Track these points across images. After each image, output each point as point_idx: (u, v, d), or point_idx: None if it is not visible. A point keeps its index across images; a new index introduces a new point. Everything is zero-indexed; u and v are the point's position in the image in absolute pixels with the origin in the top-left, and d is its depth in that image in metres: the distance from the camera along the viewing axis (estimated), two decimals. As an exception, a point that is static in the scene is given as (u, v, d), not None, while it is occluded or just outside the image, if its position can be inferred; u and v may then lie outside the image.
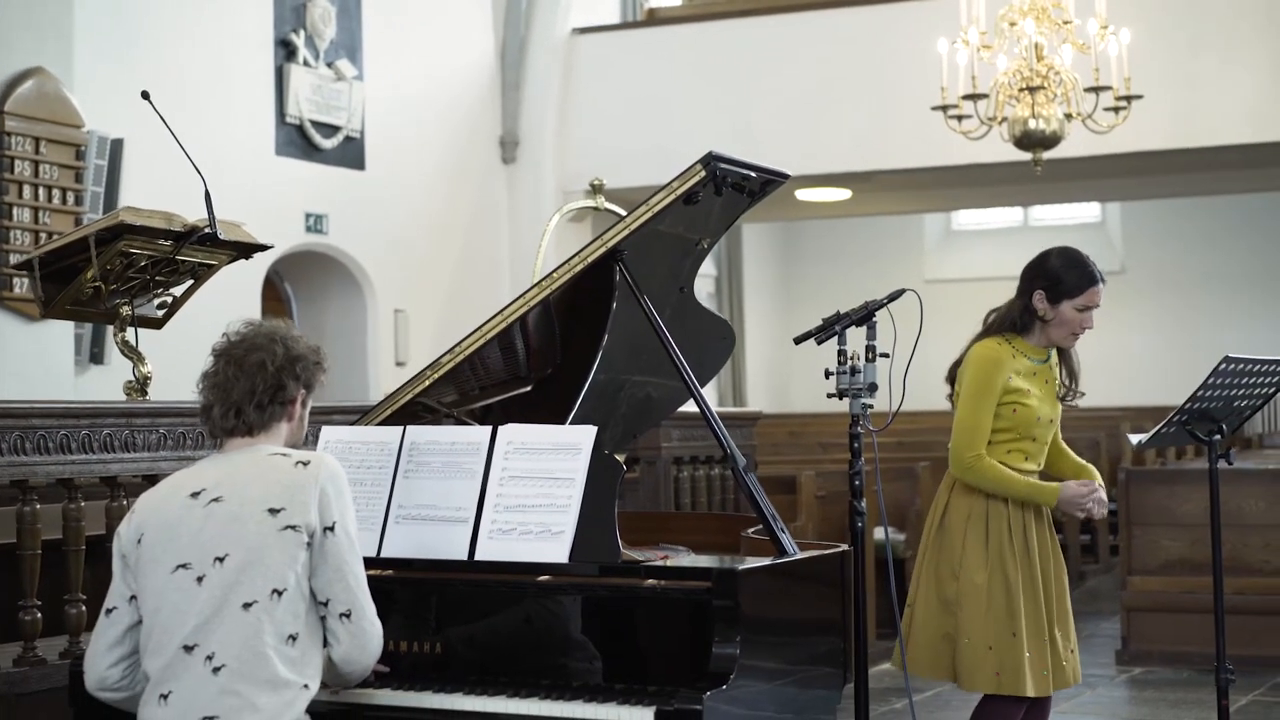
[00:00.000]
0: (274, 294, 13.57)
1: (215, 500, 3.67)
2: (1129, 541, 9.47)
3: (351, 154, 13.53)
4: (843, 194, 16.27)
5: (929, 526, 5.18)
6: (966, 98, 11.05)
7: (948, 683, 5.22)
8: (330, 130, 13.26)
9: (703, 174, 4.37)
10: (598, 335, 4.57)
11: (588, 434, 4.11)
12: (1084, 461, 5.29)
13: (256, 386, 3.77)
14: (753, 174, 4.59)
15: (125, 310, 5.77)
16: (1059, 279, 5.07)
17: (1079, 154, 12.68)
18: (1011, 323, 5.14)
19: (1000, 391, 5.04)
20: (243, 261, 6.18)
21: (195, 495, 3.70)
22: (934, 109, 11.24)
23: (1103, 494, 5.15)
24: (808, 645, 4.21)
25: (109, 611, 3.76)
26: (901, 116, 13.91)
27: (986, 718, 5.12)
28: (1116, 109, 11.00)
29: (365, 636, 3.71)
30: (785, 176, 4.78)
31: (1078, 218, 20.55)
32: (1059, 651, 5.07)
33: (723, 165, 4.42)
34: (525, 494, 4.09)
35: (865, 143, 14.44)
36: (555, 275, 4.46)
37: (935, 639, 5.07)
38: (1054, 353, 5.19)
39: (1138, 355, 19.58)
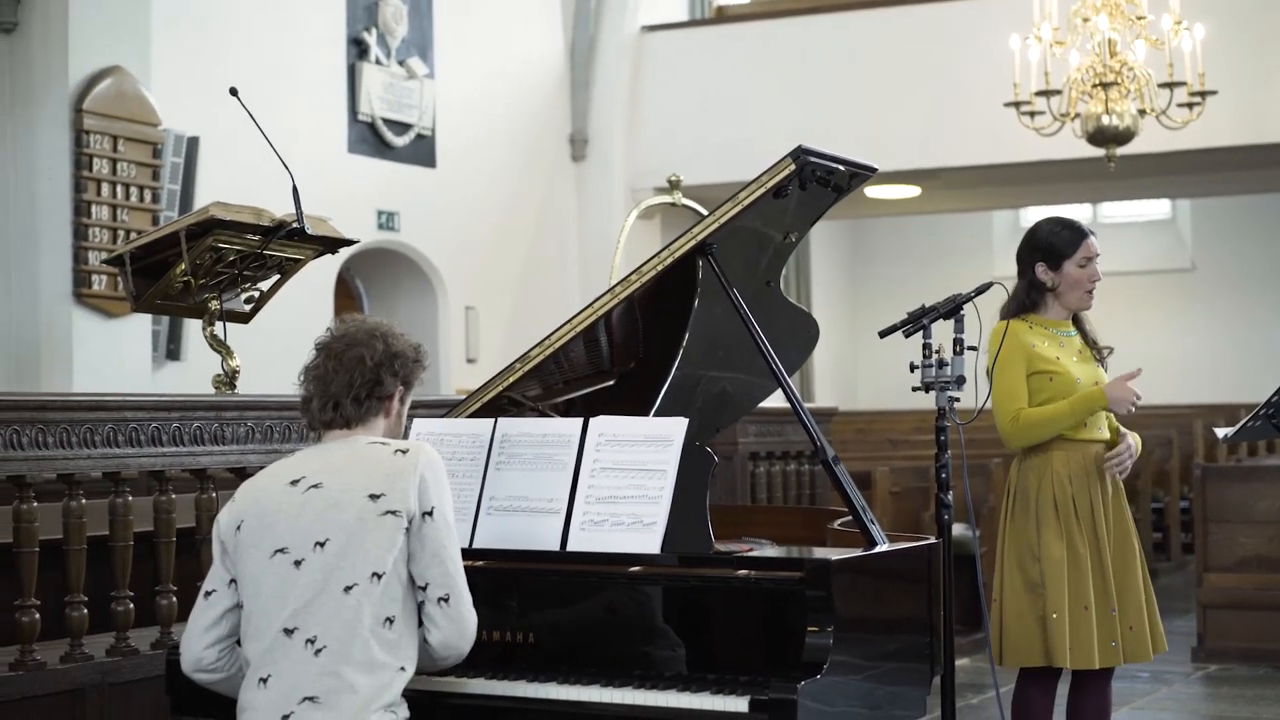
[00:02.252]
0: (346, 291, 13.64)
1: (314, 487, 3.72)
2: (1204, 538, 9.41)
3: (423, 152, 13.60)
4: (912, 191, 16.21)
5: (1002, 517, 5.19)
6: (1040, 94, 11.01)
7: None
8: (402, 128, 13.33)
9: (792, 168, 4.38)
10: (679, 330, 4.57)
11: (679, 425, 4.11)
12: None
13: (354, 381, 3.82)
14: (840, 168, 4.59)
15: (214, 305, 5.83)
16: (1052, 245, 5.16)
17: (1149, 150, 12.56)
18: (1020, 304, 5.18)
19: (1024, 357, 5.06)
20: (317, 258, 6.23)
21: (294, 483, 3.75)
22: (1007, 105, 11.21)
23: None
24: (897, 639, 4.19)
25: (208, 594, 3.81)
26: (971, 113, 13.86)
27: (1022, 690, 5.16)
28: (1190, 105, 10.93)
29: (464, 622, 3.74)
30: (872, 170, 4.79)
31: (1147, 215, 20.36)
32: (1114, 626, 5.03)
33: (812, 159, 4.43)
34: (617, 485, 4.09)
35: (934, 139, 14.39)
36: (643, 269, 4.47)
37: (1028, 624, 5.05)
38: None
39: (1208, 352, 19.39)
